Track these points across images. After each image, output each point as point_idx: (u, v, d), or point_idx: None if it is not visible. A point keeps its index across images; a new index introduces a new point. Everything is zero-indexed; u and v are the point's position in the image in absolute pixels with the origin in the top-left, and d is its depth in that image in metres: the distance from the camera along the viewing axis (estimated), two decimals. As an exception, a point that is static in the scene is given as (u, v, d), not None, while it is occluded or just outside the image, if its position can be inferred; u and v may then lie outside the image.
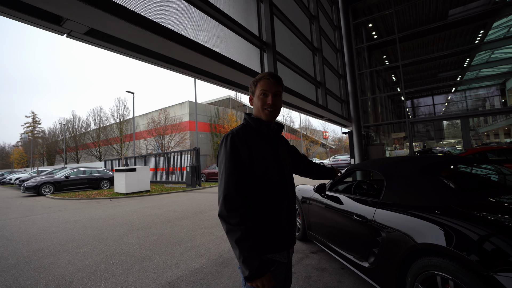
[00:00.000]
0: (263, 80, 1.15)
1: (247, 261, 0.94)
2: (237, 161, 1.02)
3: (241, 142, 1.05)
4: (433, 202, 1.82)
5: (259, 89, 1.15)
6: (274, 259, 1.08)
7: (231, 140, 1.05)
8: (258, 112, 1.17)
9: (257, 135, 1.13)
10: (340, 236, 2.75)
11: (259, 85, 1.15)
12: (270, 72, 1.17)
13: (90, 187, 14.55)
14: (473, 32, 12.81)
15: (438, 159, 2.41)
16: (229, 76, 3.87)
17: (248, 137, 1.09)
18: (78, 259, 3.56)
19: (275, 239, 1.08)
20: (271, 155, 1.12)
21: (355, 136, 9.64)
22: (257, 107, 1.16)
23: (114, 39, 2.31)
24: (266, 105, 1.14)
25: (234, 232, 0.96)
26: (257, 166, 1.06)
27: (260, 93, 1.14)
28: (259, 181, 1.07)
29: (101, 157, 34.38)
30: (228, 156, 1.03)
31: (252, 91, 1.19)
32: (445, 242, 1.48)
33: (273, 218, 1.08)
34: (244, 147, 1.05)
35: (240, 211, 0.98)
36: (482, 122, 31.29)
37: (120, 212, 7.31)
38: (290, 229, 1.15)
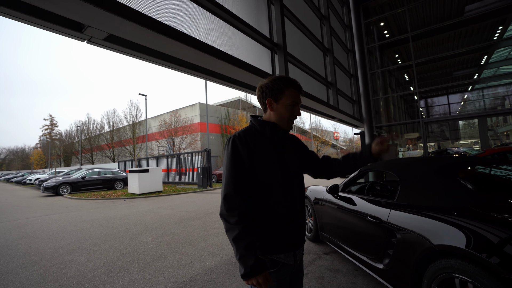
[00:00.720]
0: (293, 90, 1.13)
1: (243, 259, 0.96)
2: (237, 163, 1.04)
3: (242, 144, 1.06)
4: (450, 203, 1.79)
5: (288, 99, 1.13)
6: (278, 260, 1.08)
7: (233, 142, 1.06)
8: (281, 120, 1.15)
9: (261, 138, 1.12)
10: (354, 237, 2.73)
11: (287, 94, 1.13)
12: (295, 80, 1.15)
13: (105, 188, 14.96)
14: (491, 28, 12.39)
15: (454, 159, 2.36)
16: (241, 78, 3.92)
17: (251, 139, 1.09)
18: (96, 257, 3.69)
19: (277, 240, 1.08)
20: (275, 157, 1.12)
21: (367, 137, 9.50)
22: (282, 116, 1.14)
23: (131, 44, 2.40)
24: (293, 116, 1.16)
25: (232, 231, 0.98)
26: (259, 168, 1.07)
27: (290, 103, 1.13)
28: (261, 182, 1.07)
29: (115, 158, 35.29)
30: (229, 157, 1.05)
31: (276, 97, 1.13)
32: (464, 244, 1.45)
33: (275, 219, 1.08)
34: (245, 149, 1.05)
35: (238, 210, 0.99)
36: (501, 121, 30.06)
37: (134, 212, 7.49)
38: (296, 231, 1.13)
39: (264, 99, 1.16)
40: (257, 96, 1.20)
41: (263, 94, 1.16)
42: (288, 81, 1.14)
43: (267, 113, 1.18)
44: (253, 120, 1.19)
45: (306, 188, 4.14)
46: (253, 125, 1.17)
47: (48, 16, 1.78)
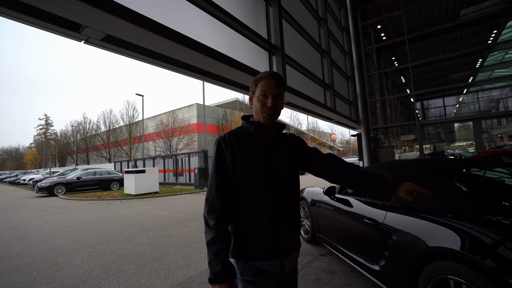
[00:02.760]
0: (264, 81, 1.07)
1: (211, 264, 0.96)
2: (219, 165, 1.04)
3: (226, 146, 1.05)
4: (445, 205, 1.81)
5: (259, 90, 1.08)
6: (263, 268, 1.02)
7: (218, 144, 1.07)
8: (256, 113, 1.11)
9: (249, 138, 1.09)
10: (350, 238, 2.74)
11: (259, 85, 1.08)
12: (272, 71, 1.09)
13: (100, 188, 14.83)
14: (485, 32, 12.56)
15: (449, 162, 2.39)
16: (239, 79, 3.92)
17: (237, 140, 1.07)
18: (91, 259, 3.65)
19: (258, 246, 1.02)
20: (261, 157, 1.07)
21: (363, 138, 9.56)
22: (256, 108, 1.10)
23: (128, 44, 2.39)
24: (266, 107, 1.07)
25: (208, 234, 0.99)
26: (241, 170, 1.04)
27: (260, 94, 1.07)
28: (243, 184, 1.04)
29: (111, 158, 35.04)
30: (213, 160, 1.06)
31: (252, 91, 1.12)
32: (459, 246, 1.47)
33: (257, 223, 1.03)
34: (229, 151, 1.04)
35: (217, 214, 0.99)
36: (496, 124, 30.43)
37: (130, 213, 7.44)
38: (283, 237, 1.05)
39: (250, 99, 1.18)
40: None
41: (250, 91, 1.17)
42: (264, 73, 1.10)
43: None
44: (242, 120, 1.18)
45: (303, 189, 4.15)
46: (242, 125, 1.16)
47: (45, 16, 1.77)
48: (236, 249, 1.06)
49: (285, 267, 1.07)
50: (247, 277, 1.03)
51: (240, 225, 1.06)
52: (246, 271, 1.03)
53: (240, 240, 1.05)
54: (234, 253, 1.06)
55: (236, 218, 1.06)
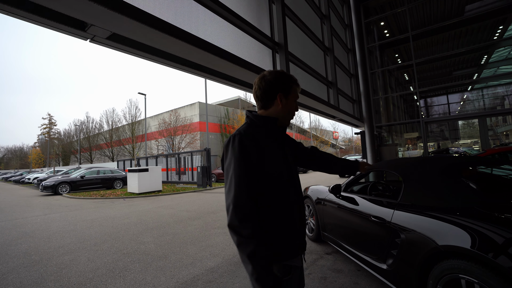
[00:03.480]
0: (297, 88, 1.17)
1: (262, 280, 0.87)
2: (247, 164, 0.95)
3: (250, 142, 0.98)
4: (454, 203, 1.78)
5: (295, 95, 1.16)
6: (290, 265, 1.01)
7: (240, 141, 0.97)
8: (287, 115, 1.15)
9: (265, 134, 1.06)
10: (356, 237, 2.73)
11: (295, 90, 1.16)
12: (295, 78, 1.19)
13: (104, 187, 14.92)
14: (491, 28, 12.40)
15: (458, 159, 2.36)
16: (243, 77, 3.91)
17: (260, 138, 1.03)
18: (97, 257, 3.67)
19: (292, 243, 1.03)
20: (282, 156, 1.09)
21: (367, 136, 9.50)
22: (290, 111, 1.16)
23: (134, 42, 2.38)
24: (294, 113, 1.19)
25: (246, 245, 0.88)
26: (269, 167, 1.00)
27: (295, 99, 1.16)
28: (272, 182, 1.00)
29: (114, 157, 35.22)
30: (237, 158, 0.95)
31: (285, 92, 1.12)
32: (470, 244, 1.45)
33: (288, 221, 1.03)
34: (254, 147, 0.98)
35: (252, 222, 0.90)
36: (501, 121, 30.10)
37: (134, 211, 7.47)
38: (304, 231, 1.13)
39: (274, 93, 1.10)
40: (263, 89, 1.11)
41: (272, 87, 1.10)
42: (294, 78, 1.17)
43: (272, 108, 1.12)
44: (252, 116, 1.12)
45: (308, 188, 4.14)
46: (252, 121, 1.10)
47: (52, 15, 1.76)
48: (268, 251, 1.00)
49: (304, 259, 1.15)
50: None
51: (269, 226, 0.99)
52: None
53: (272, 241, 0.99)
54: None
55: (263, 220, 0.98)
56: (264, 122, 1.09)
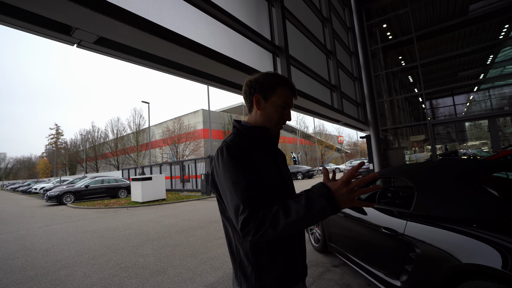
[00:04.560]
0: (286, 89, 0.94)
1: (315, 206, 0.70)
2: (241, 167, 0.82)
3: (239, 150, 0.86)
4: (476, 214, 1.59)
5: (280, 98, 0.93)
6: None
7: (227, 150, 0.84)
8: (268, 122, 0.95)
9: (253, 145, 0.93)
10: (365, 249, 2.53)
11: (280, 92, 0.94)
12: (289, 79, 0.97)
13: (108, 196, 14.88)
14: (496, 27, 12.19)
15: (475, 164, 2.17)
16: (242, 82, 3.79)
17: (248, 147, 0.90)
18: (93, 272, 3.52)
19: (292, 268, 0.89)
20: (275, 167, 0.94)
21: (373, 140, 9.29)
22: (270, 117, 0.94)
23: (124, 47, 2.28)
24: (282, 120, 0.96)
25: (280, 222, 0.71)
26: (264, 182, 0.86)
27: (281, 104, 0.94)
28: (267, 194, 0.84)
29: (119, 166, 35.41)
30: (228, 166, 0.82)
31: (266, 94, 0.94)
32: (501, 264, 1.26)
33: (288, 243, 0.89)
34: (243, 153, 0.85)
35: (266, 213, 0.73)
36: (509, 122, 29.49)
37: (136, 221, 7.33)
38: (303, 254, 0.97)
39: (251, 95, 0.96)
40: (244, 92, 1.00)
41: (250, 89, 0.96)
42: (282, 79, 0.95)
43: (253, 113, 0.98)
44: (238, 125, 0.98)
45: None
46: (239, 131, 0.97)
47: (32, 18, 1.66)
48: (265, 282, 0.84)
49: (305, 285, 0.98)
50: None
51: (269, 250, 0.85)
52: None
53: (269, 269, 0.85)
54: (263, 286, 0.85)
55: (259, 245, 0.85)
56: (249, 131, 0.95)
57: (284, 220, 0.71)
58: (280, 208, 0.73)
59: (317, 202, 0.71)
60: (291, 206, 0.73)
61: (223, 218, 0.96)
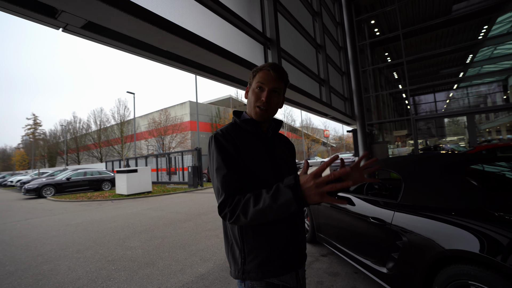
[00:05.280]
0: (263, 72, 0.94)
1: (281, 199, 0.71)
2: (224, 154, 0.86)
3: (227, 140, 0.89)
4: (460, 204, 1.68)
5: (255, 81, 0.95)
6: (278, 284, 0.88)
7: (215, 140, 0.89)
8: (249, 108, 0.98)
9: (247, 134, 0.96)
10: (353, 239, 2.62)
11: (257, 76, 0.95)
12: (273, 63, 0.96)
13: (91, 189, 14.44)
14: (476, 27, 12.65)
15: (459, 157, 2.27)
16: (234, 73, 3.74)
17: (237, 136, 0.92)
18: (78, 265, 3.44)
19: (277, 258, 0.88)
20: (266, 157, 0.95)
21: (359, 134, 9.51)
22: (249, 102, 0.97)
23: (113, 33, 2.18)
24: (259, 101, 0.94)
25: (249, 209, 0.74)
26: (250, 170, 0.89)
27: (256, 86, 0.94)
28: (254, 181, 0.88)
29: (102, 158, 34.35)
30: (214, 154, 0.88)
31: (250, 83, 1.00)
32: (479, 248, 1.34)
33: (275, 231, 0.89)
34: (230, 144, 0.89)
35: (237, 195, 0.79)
36: (484, 119, 31.10)
37: (121, 214, 7.19)
38: (297, 246, 0.94)
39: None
40: None
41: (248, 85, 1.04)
42: (264, 64, 0.96)
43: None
44: (235, 115, 1.03)
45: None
46: (235, 121, 1.01)
47: (14, -2, 1.55)
48: (249, 266, 0.86)
49: (299, 278, 0.95)
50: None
51: (253, 236, 0.87)
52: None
53: (253, 255, 0.86)
54: (246, 271, 0.87)
55: (246, 230, 0.88)
56: (243, 123, 0.98)
57: (252, 208, 0.74)
58: (252, 195, 0.77)
59: (283, 193, 0.72)
60: (261, 195, 0.75)
61: None
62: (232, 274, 0.91)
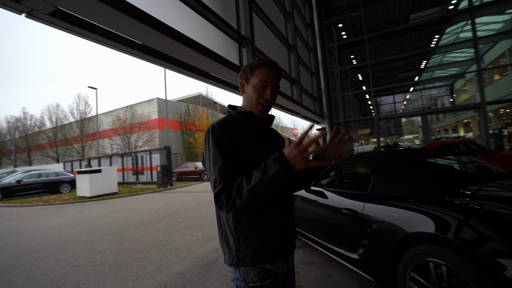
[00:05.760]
0: (264, 69, 0.98)
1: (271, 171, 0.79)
2: (222, 147, 0.90)
3: (223, 132, 0.93)
4: (421, 192, 1.90)
5: (257, 78, 0.98)
6: (270, 269, 0.93)
7: (212, 131, 0.93)
8: (250, 104, 1.01)
9: (242, 128, 1.00)
10: (327, 230, 2.78)
11: (258, 73, 0.98)
12: (272, 60, 1.02)
13: (48, 192, 13.21)
14: (430, 36, 13.94)
15: (419, 152, 2.53)
16: (210, 70, 3.72)
17: (234, 129, 0.97)
18: (40, 274, 3.16)
19: (270, 245, 0.93)
20: (259, 149, 0.99)
21: (328, 132, 9.94)
22: (251, 98, 1.00)
23: (83, 22, 2.04)
24: (263, 99, 0.98)
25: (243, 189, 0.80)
26: (245, 161, 0.93)
27: (259, 84, 0.98)
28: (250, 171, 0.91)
29: (59, 158, 31.47)
30: (211, 146, 0.91)
31: (246, 78, 1.01)
32: (436, 229, 1.54)
33: (270, 220, 0.94)
34: (227, 137, 0.92)
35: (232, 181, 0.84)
36: (435, 119, 34.59)
37: (85, 217, 6.71)
38: (288, 232, 1.01)
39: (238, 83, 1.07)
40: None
41: (240, 77, 1.06)
42: (262, 60, 1.00)
43: (242, 98, 1.07)
44: (230, 110, 1.06)
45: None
46: (230, 115, 1.05)
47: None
48: (243, 253, 0.91)
49: (289, 264, 1.03)
50: (253, 284, 0.91)
51: (248, 225, 0.92)
52: (250, 276, 0.91)
53: (248, 243, 0.91)
54: (240, 258, 0.91)
55: (240, 219, 0.92)
56: (239, 115, 1.03)
57: (246, 187, 0.80)
58: (244, 177, 0.83)
59: (271, 166, 0.80)
60: (252, 173, 0.83)
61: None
62: (226, 262, 0.95)
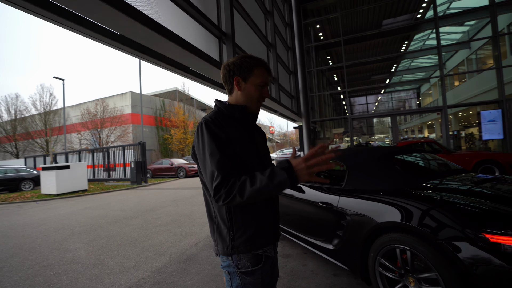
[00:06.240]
0: (262, 70, 1.06)
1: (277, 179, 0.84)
2: (217, 141, 0.93)
3: (216, 126, 0.96)
4: (390, 186, 2.07)
5: (259, 78, 1.04)
6: (261, 255, 1.00)
7: (206, 125, 0.95)
8: (249, 100, 1.06)
9: (232, 122, 1.04)
10: (304, 223, 2.91)
11: (257, 73, 1.04)
12: (264, 60, 1.09)
13: (6, 190, 12.18)
14: (400, 41, 14.80)
15: (390, 149, 2.74)
16: (192, 65, 3.68)
17: (226, 123, 1.00)
18: (2, 276, 2.96)
19: (264, 232, 1.01)
20: (249, 141, 1.04)
21: (305, 130, 10.23)
22: (251, 96, 1.06)
23: (55, 6, 1.94)
24: (262, 98, 1.08)
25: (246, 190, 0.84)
26: (238, 154, 0.97)
27: (259, 83, 1.05)
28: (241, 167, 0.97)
29: (19, 153, 29.00)
30: (206, 139, 0.93)
31: (244, 76, 1.05)
32: (402, 218, 1.71)
33: (262, 210, 1.02)
34: (221, 130, 0.96)
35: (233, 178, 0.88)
36: (403, 120, 36.93)
37: (52, 216, 6.32)
38: (275, 221, 1.09)
39: (231, 78, 1.06)
40: (222, 75, 1.09)
41: (229, 72, 1.06)
42: (258, 60, 1.06)
43: (234, 94, 1.08)
44: (219, 104, 1.08)
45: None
46: (219, 109, 1.07)
47: None
48: (237, 242, 0.97)
49: (276, 250, 1.11)
50: (245, 269, 0.97)
51: (241, 216, 0.98)
52: (243, 262, 0.97)
53: (242, 232, 0.97)
54: (235, 247, 0.97)
55: (234, 210, 0.97)
56: (229, 109, 1.06)
57: (250, 188, 0.85)
58: (248, 177, 0.88)
59: (278, 175, 0.86)
60: (257, 177, 0.88)
61: (203, 188, 1.07)
62: (219, 252, 1.00)
